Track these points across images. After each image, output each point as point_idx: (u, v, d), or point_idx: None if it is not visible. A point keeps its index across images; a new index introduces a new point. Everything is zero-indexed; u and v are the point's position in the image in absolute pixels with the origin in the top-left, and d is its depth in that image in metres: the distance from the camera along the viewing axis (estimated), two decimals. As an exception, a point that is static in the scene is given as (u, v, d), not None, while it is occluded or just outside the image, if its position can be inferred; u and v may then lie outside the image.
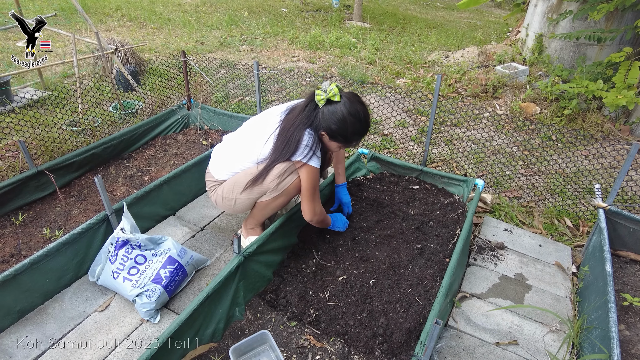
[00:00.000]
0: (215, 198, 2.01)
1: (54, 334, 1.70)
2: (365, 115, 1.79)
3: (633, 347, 1.75)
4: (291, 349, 1.67)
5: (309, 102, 1.80)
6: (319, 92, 1.75)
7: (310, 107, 1.79)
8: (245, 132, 1.97)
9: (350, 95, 1.79)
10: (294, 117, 1.81)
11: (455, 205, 2.41)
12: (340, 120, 1.74)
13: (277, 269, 2.01)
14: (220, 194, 1.97)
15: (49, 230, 2.22)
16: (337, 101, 1.75)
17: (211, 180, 2.03)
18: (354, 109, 1.75)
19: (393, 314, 1.78)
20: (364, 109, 1.79)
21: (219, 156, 2.01)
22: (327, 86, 1.75)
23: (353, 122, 1.76)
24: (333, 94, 1.73)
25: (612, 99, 3.47)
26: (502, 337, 1.79)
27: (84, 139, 2.92)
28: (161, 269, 1.82)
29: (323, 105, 1.76)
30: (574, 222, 2.65)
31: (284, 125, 1.82)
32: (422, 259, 2.05)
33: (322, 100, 1.75)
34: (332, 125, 1.76)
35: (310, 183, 1.82)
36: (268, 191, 1.86)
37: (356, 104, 1.77)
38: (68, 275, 1.92)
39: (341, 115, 1.74)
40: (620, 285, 2.05)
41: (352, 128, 1.77)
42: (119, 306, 1.84)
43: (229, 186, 1.93)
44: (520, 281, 2.09)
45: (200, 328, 1.62)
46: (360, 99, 1.82)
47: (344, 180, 2.36)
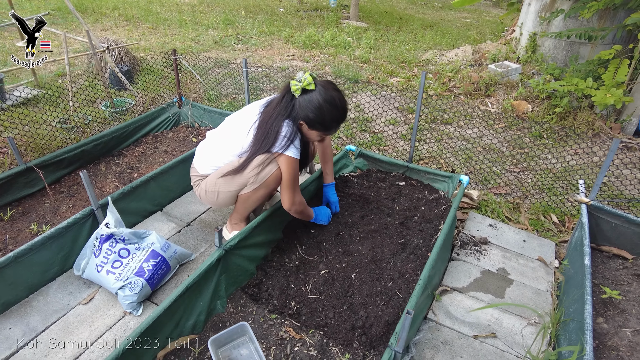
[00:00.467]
0: (199, 192, 2.04)
1: (37, 326, 1.73)
2: (341, 102, 1.81)
3: (610, 339, 1.76)
4: (270, 340, 1.69)
5: (286, 93, 1.82)
6: (293, 82, 1.77)
7: (287, 98, 1.81)
8: (226, 127, 1.99)
9: (325, 83, 1.81)
10: (272, 109, 1.84)
11: (440, 201, 2.43)
12: (317, 108, 1.76)
13: (261, 264, 2.03)
14: (203, 188, 2.00)
15: (37, 226, 2.25)
16: (312, 90, 1.77)
17: (195, 175, 2.05)
18: (330, 96, 1.77)
19: (373, 307, 1.80)
20: (339, 95, 1.81)
21: (203, 152, 2.03)
22: (302, 76, 1.76)
23: (330, 109, 1.77)
24: (307, 82, 1.75)
25: (601, 97, 3.49)
26: (480, 330, 1.81)
27: (74, 136, 2.95)
28: (144, 262, 1.85)
29: (299, 95, 1.78)
30: (560, 218, 2.67)
31: (263, 118, 1.84)
32: (405, 253, 2.07)
33: (297, 90, 1.77)
34: (310, 114, 1.78)
35: (289, 173, 1.84)
36: (248, 183, 1.88)
37: (331, 91, 1.79)
38: (54, 269, 1.95)
39: (317, 103, 1.76)
40: (601, 279, 2.07)
41: (329, 115, 1.79)
42: (103, 299, 1.87)
43: (211, 180, 1.96)
44: (502, 275, 2.11)
45: (181, 320, 1.65)
46: (335, 87, 1.83)
47: (332, 179, 2.37)
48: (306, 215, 2.09)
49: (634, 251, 2.20)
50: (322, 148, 2.29)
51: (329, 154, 2.33)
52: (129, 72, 4.08)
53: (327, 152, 2.31)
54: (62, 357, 1.61)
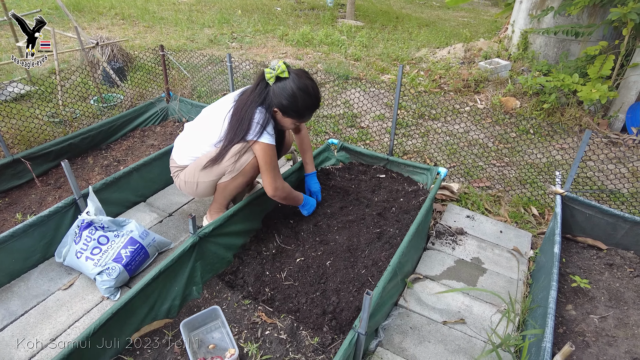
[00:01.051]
0: (179, 183, 2.08)
1: (17, 310, 1.78)
2: (314, 90, 1.85)
3: (577, 325, 1.80)
4: (243, 324, 1.73)
5: (260, 81, 1.85)
6: (267, 70, 1.80)
7: (261, 86, 1.84)
8: (202, 118, 2.03)
9: (299, 72, 1.84)
10: (247, 97, 1.87)
11: (418, 192, 2.47)
12: (291, 95, 1.80)
13: (238, 252, 2.07)
14: (182, 179, 2.04)
15: (22, 215, 2.30)
16: (286, 78, 1.80)
17: (174, 166, 2.10)
18: (303, 83, 1.81)
19: (345, 293, 1.84)
20: (312, 83, 1.85)
21: (181, 143, 2.08)
22: (276, 64, 1.80)
23: (303, 97, 1.81)
24: (281, 70, 1.78)
25: (587, 93, 3.52)
26: (450, 316, 1.84)
27: (62, 130, 3.00)
28: (122, 249, 1.89)
29: (273, 82, 1.81)
30: (540, 211, 2.70)
31: (237, 105, 1.88)
32: (380, 243, 2.11)
33: (271, 77, 1.80)
34: (284, 101, 1.81)
35: (265, 159, 1.88)
36: (226, 172, 1.92)
37: (305, 79, 1.82)
38: (35, 256, 2.00)
39: (291, 91, 1.79)
40: (573, 269, 2.10)
41: (302, 102, 1.82)
42: (82, 285, 1.91)
43: (190, 170, 2.00)
44: (476, 265, 2.15)
45: (156, 303, 1.69)
46: (308, 75, 1.87)
47: (312, 169, 2.41)
48: (293, 200, 2.13)
49: (609, 242, 2.23)
50: (300, 139, 2.33)
51: (307, 144, 2.36)
52: (121, 69, 4.13)
53: (305, 142, 2.35)
54: (40, 339, 1.66)
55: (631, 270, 2.06)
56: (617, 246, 2.21)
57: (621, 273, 2.05)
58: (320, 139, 3.47)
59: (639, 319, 1.77)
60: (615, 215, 2.12)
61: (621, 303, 1.87)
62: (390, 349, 1.68)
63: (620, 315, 1.81)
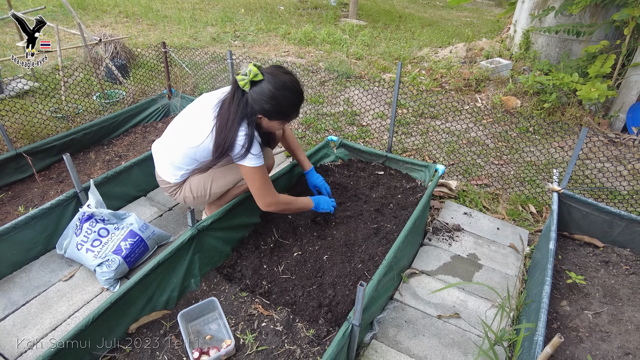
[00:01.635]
0: (184, 198, 2.01)
1: (19, 300, 1.81)
2: (293, 84, 1.71)
3: (571, 320, 1.81)
4: (240, 316, 1.76)
5: (235, 90, 1.71)
6: (240, 77, 1.67)
7: (238, 95, 1.71)
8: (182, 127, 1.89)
9: (273, 69, 1.71)
10: (226, 111, 1.73)
11: (416, 189, 2.49)
12: (271, 97, 1.67)
13: (237, 246, 2.10)
14: (190, 195, 1.97)
15: (24, 208, 2.33)
16: (261, 80, 1.67)
17: (168, 186, 1.99)
18: (280, 81, 1.68)
19: (341, 287, 1.86)
20: (290, 78, 1.71)
21: (163, 157, 1.95)
22: (247, 69, 1.67)
23: (284, 95, 1.69)
24: (253, 74, 1.65)
25: (586, 92, 3.52)
26: (445, 310, 1.86)
27: (64, 125, 3.04)
28: (122, 241, 1.92)
29: (249, 88, 1.68)
30: (538, 209, 2.71)
31: (219, 124, 1.74)
32: (377, 238, 2.13)
33: (245, 84, 1.67)
34: (265, 106, 1.69)
35: (251, 181, 1.81)
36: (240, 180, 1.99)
37: (281, 75, 1.69)
38: (37, 248, 2.03)
39: (269, 93, 1.66)
40: (569, 266, 2.11)
41: (285, 101, 1.70)
42: (82, 276, 1.95)
43: (198, 187, 1.96)
44: (473, 260, 2.16)
45: (154, 295, 1.72)
46: (284, 70, 1.73)
47: (309, 165, 2.33)
48: (299, 207, 2.02)
49: (605, 239, 2.24)
50: (285, 140, 2.27)
51: (294, 144, 2.29)
52: (124, 66, 4.17)
53: (292, 142, 2.28)
54: (40, 328, 1.69)
55: (627, 268, 2.06)
56: (614, 244, 2.22)
57: (617, 270, 2.06)
58: (320, 137, 3.49)
59: (632, 315, 1.78)
60: (611, 213, 2.13)
61: (616, 299, 1.88)
62: (384, 341, 1.70)
63: (614, 311, 1.82)
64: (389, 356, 1.64)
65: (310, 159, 2.60)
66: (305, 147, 3.31)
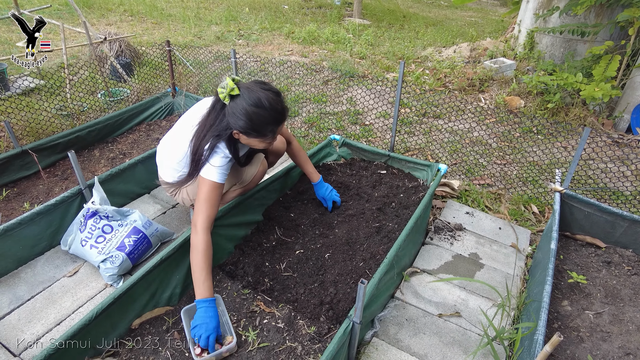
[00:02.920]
0: (182, 200, 2.07)
1: (24, 295, 1.83)
2: (270, 101, 1.61)
3: (572, 320, 1.81)
4: (242, 313, 1.77)
5: (216, 102, 1.69)
6: (219, 90, 1.63)
7: (217, 107, 1.68)
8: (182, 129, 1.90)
9: (251, 85, 1.65)
10: (204, 121, 1.72)
11: (418, 188, 2.49)
12: (244, 114, 1.60)
13: (240, 243, 2.11)
14: (187, 197, 2.03)
15: (29, 205, 2.36)
16: (237, 95, 1.62)
17: (167, 186, 2.04)
18: (255, 97, 1.60)
19: (343, 285, 1.87)
20: (267, 94, 1.62)
21: (164, 158, 1.97)
22: (225, 83, 1.62)
23: (257, 113, 1.60)
24: (230, 88, 1.60)
25: (589, 91, 3.51)
26: (446, 309, 1.87)
27: (69, 123, 3.06)
28: (126, 237, 1.94)
29: (229, 102, 1.63)
30: (540, 209, 2.71)
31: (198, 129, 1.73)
32: (379, 237, 2.14)
33: (224, 97, 1.62)
34: (239, 122, 1.62)
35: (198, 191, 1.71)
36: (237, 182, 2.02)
37: (257, 92, 1.61)
38: (42, 244, 2.05)
39: (242, 109, 1.60)
40: (571, 266, 2.11)
41: (257, 119, 1.61)
42: (87, 272, 1.97)
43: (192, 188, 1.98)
44: (474, 260, 2.17)
45: (157, 291, 1.73)
46: (264, 85, 1.67)
47: (317, 177, 2.28)
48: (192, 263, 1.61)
49: (607, 239, 2.24)
50: (294, 155, 2.29)
51: (303, 158, 2.28)
52: (129, 64, 4.20)
53: (300, 155, 2.28)
54: (45, 323, 1.71)
55: (629, 269, 2.06)
56: (616, 244, 2.22)
57: (619, 271, 2.06)
58: (323, 135, 3.50)
59: (634, 316, 1.79)
60: (614, 214, 2.13)
61: (617, 300, 1.89)
62: (385, 339, 1.71)
63: (615, 311, 1.82)
64: (390, 354, 1.65)
65: (313, 158, 2.62)
66: (308, 146, 3.32)
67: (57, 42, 5.31)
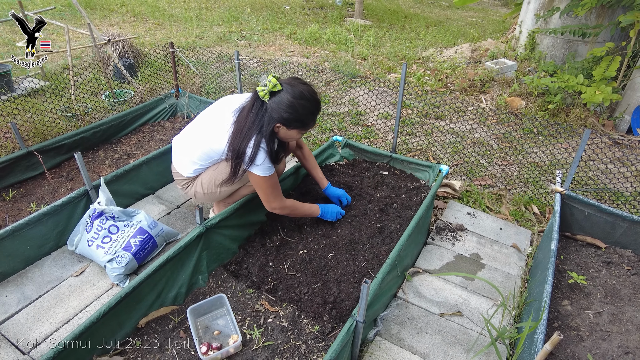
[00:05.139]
0: (193, 194, 2.07)
1: (32, 294, 1.86)
2: (310, 94, 1.81)
3: (572, 320, 1.84)
4: (246, 312, 1.80)
5: (255, 100, 1.80)
6: (260, 88, 1.76)
7: (257, 105, 1.79)
8: (204, 125, 1.97)
9: (291, 80, 1.81)
10: (244, 118, 1.81)
11: (420, 189, 2.52)
12: (289, 106, 1.76)
13: (243, 243, 2.14)
14: (201, 191, 2.04)
15: (35, 205, 2.39)
16: (280, 90, 1.76)
17: (181, 179, 2.06)
18: (298, 91, 1.77)
19: (346, 284, 1.89)
20: (307, 88, 1.81)
21: (182, 151, 2.03)
22: (266, 80, 1.76)
23: (302, 104, 1.77)
24: (273, 84, 1.74)
25: (590, 95, 3.53)
26: (447, 308, 1.89)
27: (74, 124, 3.09)
28: (132, 238, 1.97)
29: (268, 99, 1.77)
30: (541, 209, 2.73)
31: (236, 128, 1.83)
32: (381, 237, 2.16)
33: (265, 94, 1.75)
34: (284, 114, 1.77)
35: (257, 187, 1.92)
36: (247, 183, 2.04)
37: (298, 86, 1.79)
38: (49, 244, 2.08)
39: (288, 102, 1.75)
40: (571, 266, 2.14)
41: (302, 110, 1.78)
42: (93, 272, 1.99)
43: (209, 183, 2.01)
44: (475, 260, 2.19)
45: (163, 290, 1.76)
46: (301, 81, 1.84)
47: (326, 182, 2.38)
48: (302, 213, 2.11)
49: (607, 240, 2.26)
50: (305, 160, 2.37)
51: (312, 163, 2.37)
52: (132, 66, 4.23)
53: (310, 161, 2.37)
54: (53, 322, 1.74)
55: (629, 269, 2.09)
56: (616, 245, 2.24)
57: (619, 271, 2.08)
58: (325, 136, 3.53)
59: (633, 315, 1.81)
60: (614, 214, 2.15)
61: (617, 300, 1.91)
62: (388, 338, 1.74)
63: (615, 311, 1.85)
64: (392, 352, 1.68)
65: (316, 159, 2.64)
66: (310, 147, 3.34)
67: (60, 44, 5.35)
